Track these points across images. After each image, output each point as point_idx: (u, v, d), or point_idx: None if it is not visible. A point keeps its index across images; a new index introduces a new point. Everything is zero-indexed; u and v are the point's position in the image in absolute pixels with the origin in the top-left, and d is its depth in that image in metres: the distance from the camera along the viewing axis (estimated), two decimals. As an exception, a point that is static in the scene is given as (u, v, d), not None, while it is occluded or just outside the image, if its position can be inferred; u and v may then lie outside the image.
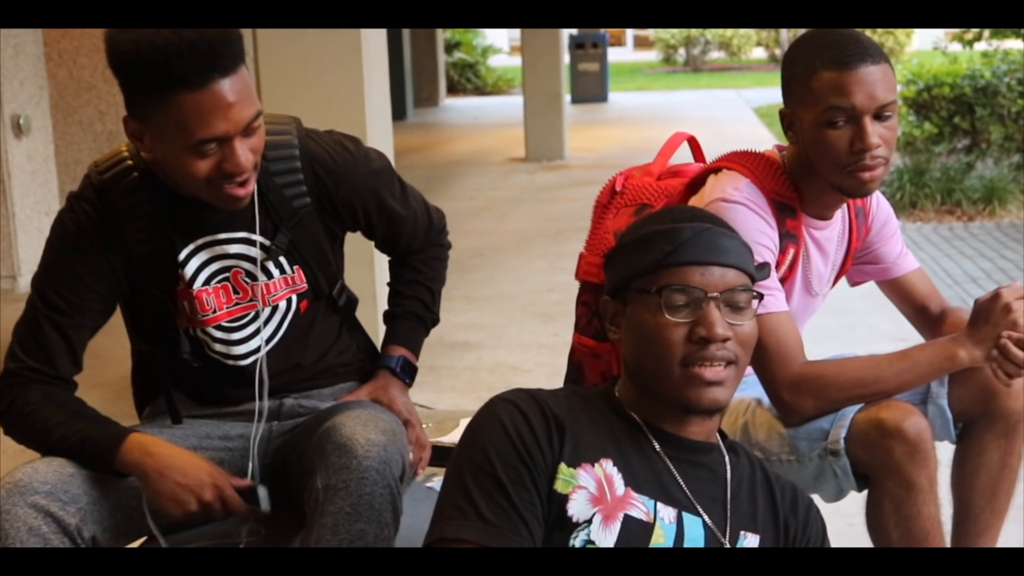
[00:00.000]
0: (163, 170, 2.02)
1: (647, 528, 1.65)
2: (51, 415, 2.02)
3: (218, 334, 2.16)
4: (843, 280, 2.55)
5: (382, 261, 2.49)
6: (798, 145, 2.25)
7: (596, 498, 1.63)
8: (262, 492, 2.04)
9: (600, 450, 1.66)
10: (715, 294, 1.68)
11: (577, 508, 1.62)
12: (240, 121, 1.90)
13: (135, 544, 2.12)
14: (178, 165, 1.95)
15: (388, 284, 2.46)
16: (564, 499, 1.61)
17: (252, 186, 2.01)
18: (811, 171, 2.24)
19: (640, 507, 1.65)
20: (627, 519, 1.64)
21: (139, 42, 1.85)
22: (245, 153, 1.93)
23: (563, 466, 1.63)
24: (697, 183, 2.33)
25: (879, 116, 2.15)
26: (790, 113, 2.25)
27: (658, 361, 1.68)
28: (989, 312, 2.14)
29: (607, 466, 1.66)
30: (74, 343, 2.07)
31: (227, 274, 2.13)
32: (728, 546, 1.70)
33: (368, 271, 3.89)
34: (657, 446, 1.71)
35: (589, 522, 1.62)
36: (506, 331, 5.65)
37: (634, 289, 1.71)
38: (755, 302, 1.73)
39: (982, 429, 2.32)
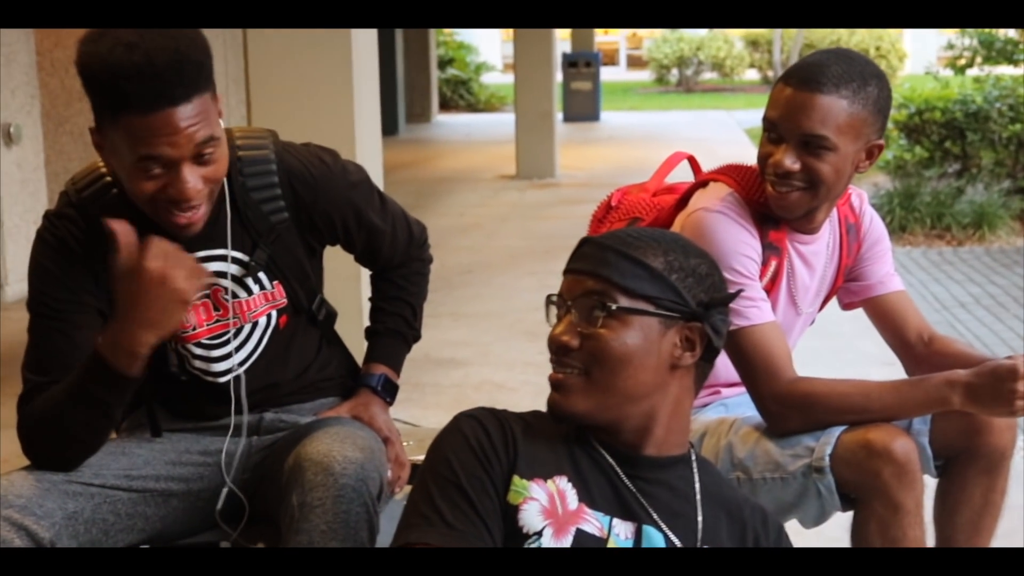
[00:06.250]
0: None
1: (600, 543, 1.65)
2: (53, 397, 1.97)
3: (198, 351, 2.14)
4: (833, 303, 2.54)
5: (368, 276, 2.47)
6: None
7: (547, 511, 1.64)
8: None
9: (555, 467, 1.68)
10: (569, 301, 1.70)
11: (527, 519, 1.63)
12: (187, 148, 1.88)
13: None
14: (127, 181, 1.94)
15: (370, 300, 2.44)
16: (515, 510, 1.63)
17: (200, 216, 1.97)
18: None
19: (593, 522, 1.66)
20: (579, 533, 1.64)
21: (94, 57, 1.85)
22: (194, 180, 1.91)
23: (516, 477, 1.64)
24: (687, 197, 2.35)
25: None
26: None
27: None
28: (1001, 388, 2.06)
29: (560, 482, 1.67)
30: (83, 344, 2.01)
31: (207, 291, 2.11)
32: None
33: (354, 285, 3.87)
34: (614, 464, 1.71)
35: (539, 534, 1.62)
36: (493, 349, 5.63)
37: None
38: (600, 313, 1.66)
39: (964, 465, 2.30)
